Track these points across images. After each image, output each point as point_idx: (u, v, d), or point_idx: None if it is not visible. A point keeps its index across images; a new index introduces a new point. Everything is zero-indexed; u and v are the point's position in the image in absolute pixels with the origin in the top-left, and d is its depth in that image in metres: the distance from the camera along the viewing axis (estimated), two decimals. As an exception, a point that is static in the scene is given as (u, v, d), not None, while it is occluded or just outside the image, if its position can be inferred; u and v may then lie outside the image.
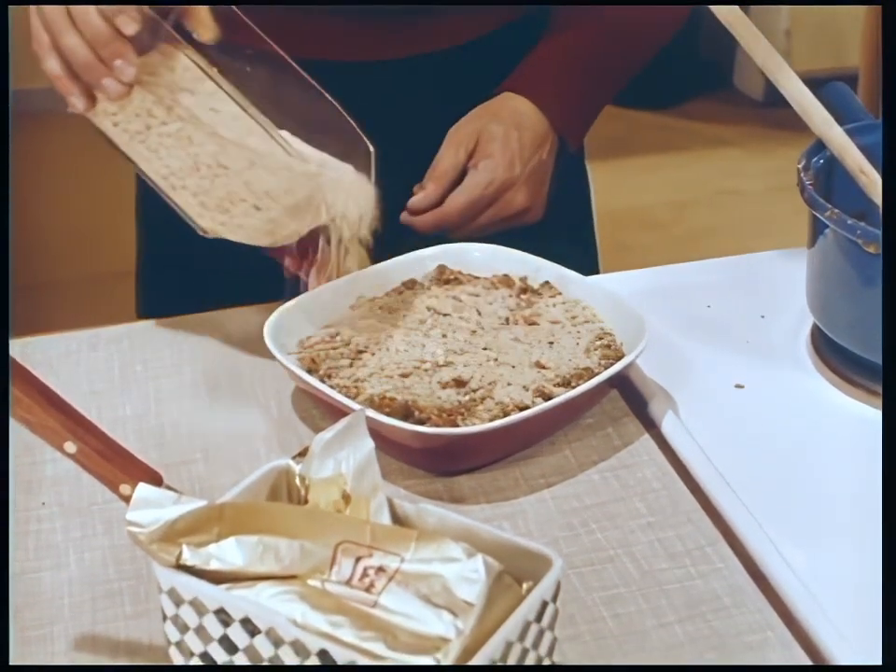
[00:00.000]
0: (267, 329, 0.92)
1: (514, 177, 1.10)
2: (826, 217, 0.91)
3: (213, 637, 0.65)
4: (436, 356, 0.91)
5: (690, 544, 0.81)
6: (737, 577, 0.78)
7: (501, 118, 1.12)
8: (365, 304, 0.98)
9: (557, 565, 0.66)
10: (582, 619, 0.75)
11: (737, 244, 1.47)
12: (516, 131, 1.11)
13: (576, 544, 0.81)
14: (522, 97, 1.13)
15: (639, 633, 0.74)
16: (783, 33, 3.50)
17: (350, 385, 0.88)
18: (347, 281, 0.98)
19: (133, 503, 0.66)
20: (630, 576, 0.78)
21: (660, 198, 3.32)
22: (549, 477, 0.87)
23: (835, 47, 3.52)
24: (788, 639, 0.74)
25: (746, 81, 3.82)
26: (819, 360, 0.98)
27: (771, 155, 3.48)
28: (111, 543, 0.81)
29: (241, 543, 0.66)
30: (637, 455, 0.88)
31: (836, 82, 1.02)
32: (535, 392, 0.87)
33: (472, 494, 0.85)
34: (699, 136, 3.73)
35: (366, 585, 0.64)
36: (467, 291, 0.98)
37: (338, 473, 0.70)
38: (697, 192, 3.40)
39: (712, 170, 3.52)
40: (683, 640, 0.74)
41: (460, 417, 0.85)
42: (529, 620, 0.64)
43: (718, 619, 0.75)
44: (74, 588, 0.78)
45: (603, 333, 0.94)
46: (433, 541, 0.65)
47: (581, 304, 0.97)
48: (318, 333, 0.95)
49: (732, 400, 0.95)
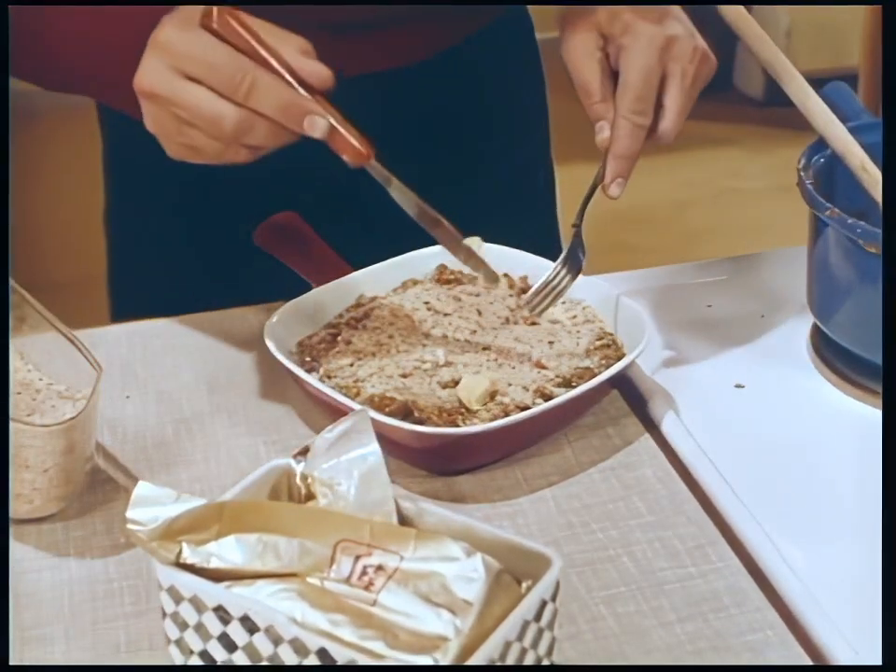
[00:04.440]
0: (267, 329, 0.92)
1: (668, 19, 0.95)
2: (826, 216, 0.91)
3: (212, 635, 0.65)
4: (436, 356, 0.91)
5: (690, 544, 0.81)
6: (737, 577, 0.78)
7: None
8: (365, 304, 0.97)
9: (556, 564, 0.66)
10: (583, 618, 0.75)
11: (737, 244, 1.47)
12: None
13: (576, 544, 0.81)
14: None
15: (639, 632, 0.74)
16: (783, 33, 3.50)
17: (350, 385, 0.88)
18: (347, 281, 0.98)
19: (133, 501, 0.66)
20: (630, 575, 0.78)
21: (660, 198, 3.32)
22: (549, 477, 0.87)
23: (835, 47, 3.52)
24: (788, 639, 0.74)
25: (746, 81, 3.81)
26: (819, 360, 0.98)
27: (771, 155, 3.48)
28: (111, 543, 0.81)
29: (240, 541, 0.66)
30: (636, 455, 0.88)
31: (836, 82, 1.02)
32: (535, 392, 0.87)
33: (472, 493, 0.85)
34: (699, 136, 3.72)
35: (365, 584, 0.64)
36: (467, 291, 0.98)
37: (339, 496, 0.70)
38: (697, 192, 3.40)
39: (712, 170, 3.52)
40: (683, 640, 0.74)
41: (460, 417, 0.85)
42: (528, 619, 0.64)
43: (718, 618, 0.75)
44: (74, 588, 0.78)
45: (603, 333, 0.94)
46: (433, 540, 0.65)
47: (581, 304, 0.97)
48: (318, 333, 0.95)
49: (732, 400, 0.95)
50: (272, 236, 1.03)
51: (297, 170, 1.16)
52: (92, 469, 0.85)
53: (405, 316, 0.95)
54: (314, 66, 0.82)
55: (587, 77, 0.94)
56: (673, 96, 0.93)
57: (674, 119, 0.93)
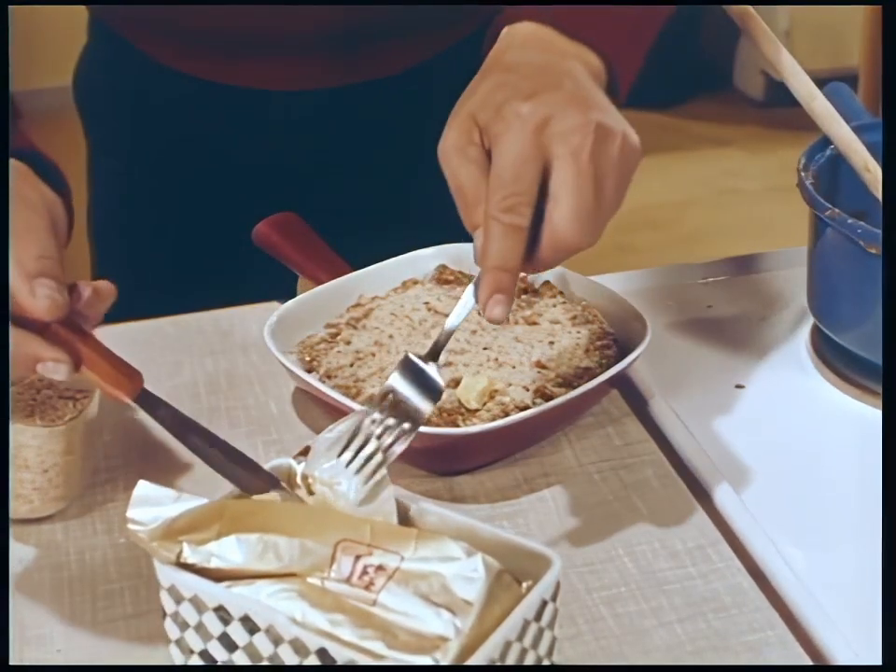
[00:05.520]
0: (267, 329, 0.92)
1: (601, 121, 0.74)
2: (826, 216, 0.91)
3: (212, 635, 0.65)
4: (436, 355, 0.91)
5: (690, 544, 0.81)
6: (737, 577, 0.78)
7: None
8: (365, 304, 0.97)
9: (556, 564, 0.66)
10: (583, 618, 0.75)
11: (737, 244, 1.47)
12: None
13: (576, 544, 0.81)
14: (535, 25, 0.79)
15: (640, 632, 0.74)
16: (783, 33, 3.49)
17: (350, 385, 0.88)
18: (347, 281, 0.98)
19: (133, 501, 0.66)
20: (630, 575, 0.78)
21: (660, 198, 3.32)
22: (549, 476, 0.87)
23: (835, 47, 3.52)
24: (788, 639, 0.74)
25: (746, 81, 3.81)
26: (819, 360, 0.98)
27: (771, 155, 3.48)
28: (111, 543, 0.81)
29: (241, 541, 0.66)
30: (636, 455, 0.88)
31: (837, 82, 1.02)
32: (535, 392, 0.87)
33: (472, 493, 0.85)
34: (699, 136, 3.73)
35: (365, 584, 0.64)
36: (467, 291, 0.98)
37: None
38: (697, 192, 3.40)
39: (712, 170, 3.52)
40: (683, 640, 0.74)
41: (460, 417, 0.85)
42: (528, 619, 0.64)
43: (718, 619, 0.75)
44: (74, 588, 0.78)
45: (603, 333, 0.94)
46: (433, 540, 0.65)
47: (581, 304, 0.97)
48: (318, 333, 0.95)
49: (732, 400, 0.95)
50: (271, 236, 1.03)
51: (297, 170, 1.16)
52: (93, 469, 0.85)
53: (405, 316, 0.95)
54: (43, 293, 0.73)
55: (460, 181, 0.75)
56: (561, 180, 0.72)
57: (566, 209, 0.72)
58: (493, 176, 0.73)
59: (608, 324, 0.95)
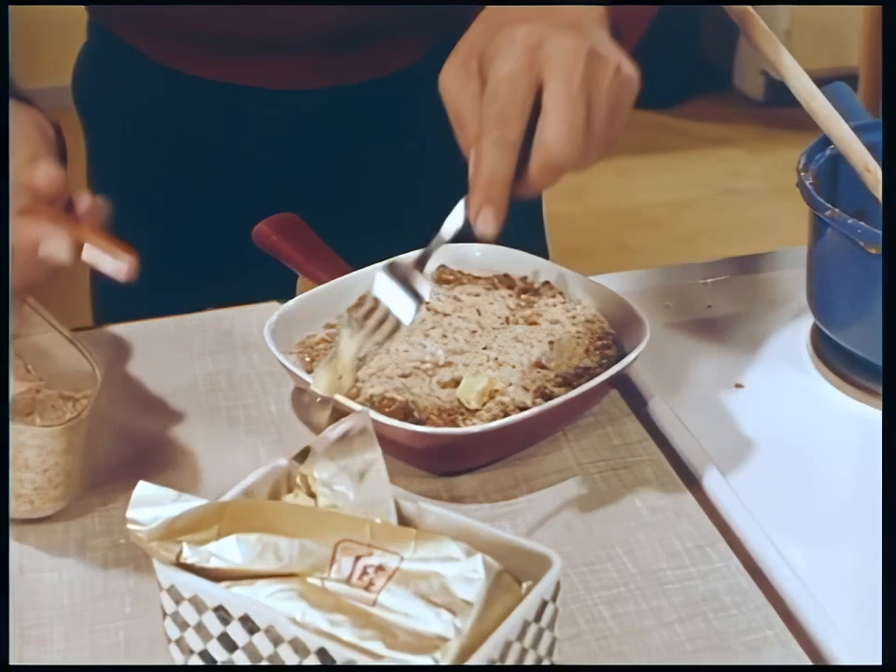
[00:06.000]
0: (267, 329, 0.92)
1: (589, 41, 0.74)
2: (826, 216, 0.91)
3: (212, 635, 0.65)
4: (436, 356, 0.91)
5: (690, 544, 0.81)
6: (737, 576, 0.78)
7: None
8: (365, 304, 0.97)
9: (557, 564, 0.66)
10: (583, 618, 0.75)
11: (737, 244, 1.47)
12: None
13: (576, 544, 0.81)
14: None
15: (639, 632, 0.74)
16: (783, 33, 3.50)
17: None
18: (348, 281, 0.98)
19: (133, 501, 0.66)
20: (630, 575, 0.78)
21: (660, 198, 3.32)
22: (549, 476, 0.87)
23: (835, 47, 3.52)
24: (788, 639, 0.74)
25: (746, 81, 3.81)
26: (819, 360, 0.98)
27: (771, 155, 3.48)
28: (111, 543, 0.81)
29: (241, 541, 0.66)
30: (637, 455, 0.88)
31: (837, 82, 1.02)
32: (535, 392, 0.87)
33: (472, 494, 0.85)
34: (699, 136, 3.73)
35: (365, 584, 0.64)
36: (467, 291, 0.98)
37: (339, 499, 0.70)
38: (697, 192, 3.40)
39: (712, 170, 3.52)
40: (683, 640, 0.74)
41: (460, 417, 0.85)
42: (528, 619, 0.64)
43: (718, 618, 0.75)
44: (74, 588, 0.78)
45: (603, 333, 0.94)
46: (433, 540, 0.65)
47: (581, 304, 0.97)
48: (318, 333, 0.95)
49: (732, 400, 0.95)
50: (271, 236, 1.03)
51: (297, 170, 1.17)
52: (93, 469, 0.85)
53: (405, 316, 0.95)
54: (42, 171, 0.75)
55: (458, 106, 0.76)
56: (553, 98, 0.72)
57: (557, 125, 0.72)
58: (486, 94, 0.74)
59: (608, 324, 0.95)
